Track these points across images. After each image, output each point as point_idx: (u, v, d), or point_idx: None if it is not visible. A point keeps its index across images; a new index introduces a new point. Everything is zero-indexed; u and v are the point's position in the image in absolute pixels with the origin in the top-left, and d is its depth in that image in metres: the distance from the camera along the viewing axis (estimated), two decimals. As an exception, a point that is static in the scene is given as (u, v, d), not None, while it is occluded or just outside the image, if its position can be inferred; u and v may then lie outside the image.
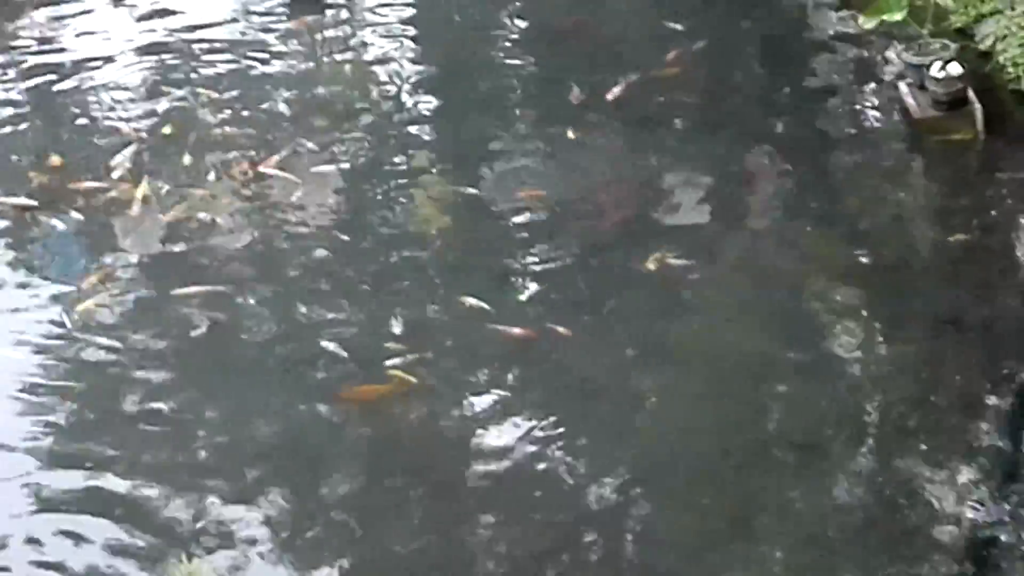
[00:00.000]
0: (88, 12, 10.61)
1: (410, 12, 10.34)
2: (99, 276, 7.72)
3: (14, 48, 10.16)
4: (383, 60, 9.68)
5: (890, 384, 6.61)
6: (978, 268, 7.26)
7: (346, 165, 8.56)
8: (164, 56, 9.84)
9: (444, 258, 7.76)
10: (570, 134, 8.53)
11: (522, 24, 10.02)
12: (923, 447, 6.24)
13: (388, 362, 6.91)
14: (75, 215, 8.22)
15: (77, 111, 9.32)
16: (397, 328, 7.22)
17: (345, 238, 7.97)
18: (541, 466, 6.33)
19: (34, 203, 8.31)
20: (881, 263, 7.37)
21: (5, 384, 7.03)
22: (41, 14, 10.62)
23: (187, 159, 8.61)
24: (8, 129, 9.21)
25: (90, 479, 6.47)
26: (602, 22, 9.82)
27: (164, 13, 10.41)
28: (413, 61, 9.70)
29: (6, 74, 9.86)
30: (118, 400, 6.92)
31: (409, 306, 7.38)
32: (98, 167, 8.60)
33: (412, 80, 9.42)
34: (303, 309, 7.40)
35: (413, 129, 8.87)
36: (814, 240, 7.62)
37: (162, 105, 9.24)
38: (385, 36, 10.01)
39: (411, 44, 9.93)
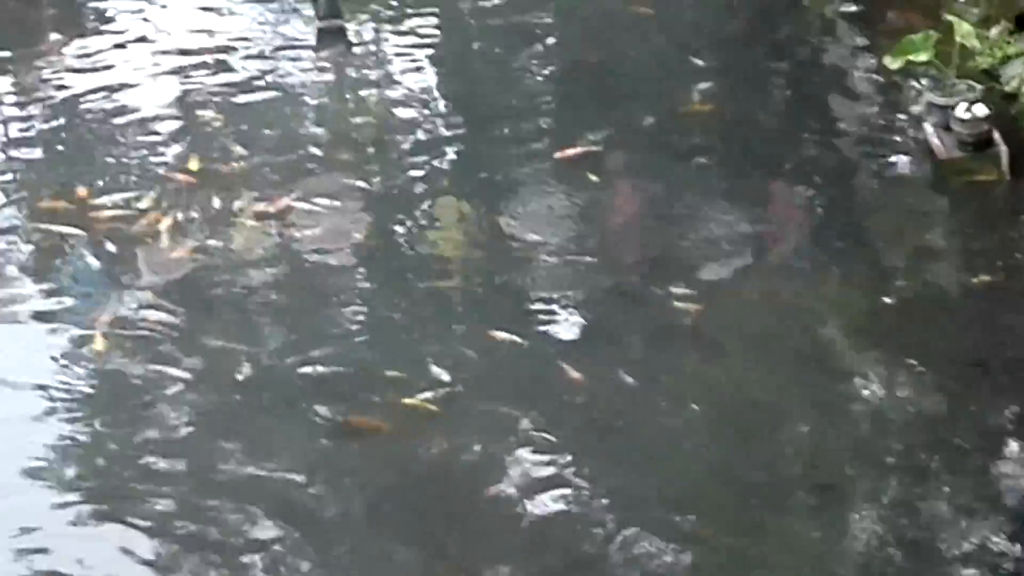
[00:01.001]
0: (116, 46, 10.65)
1: (434, 47, 10.38)
2: (121, 306, 7.73)
3: (40, 81, 10.19)
4: (407, 94, 9.70)
5: (913, 426, 6.58)
6: (1003, 310, 7.23)
7: (370, 198, 8.57)
8: (190, 89, 9.87)
9: (469, 292, 7.76)
10: (592, 177, 8.52)
11: (547, 60, 10.04)
12: (946, 489, 6.21)
13: (418, 396, 6.90)
14: (99, 246, 8.23)
15: (103, 144, 9.34)
16: (422, 361, 7.20)
17: (367, 270, 7.98)
18: (559, 503, 6.31)
19: (81, 232, 8.34)
20: (905, 304, 7.35)
21: (22, 414, 7.03)
22: (68, 48, 10.67)
23: (212, 192, 8.63)
24: (34, 159, 9.24)
25: (106, 515, 6.45)
26: (626, 59, 9.84)
27: (190, 47, 10.45)
28: (437, 95, 9.72)
29: (32, 107, 9.88)
30: (135, 434, 6.89)
31: (435, 339, 7.38)
32: (124, 199, 8.62)
33: (436, 114, 9.44)
34: (325, 342, 7.39)
35: (436, 164, 8.87)
36: (838, 280, 7.60)
37: (188, 138, 9.26)
38: (410, 70, 10.04)
39: (435, 78, 9.95)
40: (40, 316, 7.76)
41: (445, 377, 7.03)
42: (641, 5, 10.39)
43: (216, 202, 8.55)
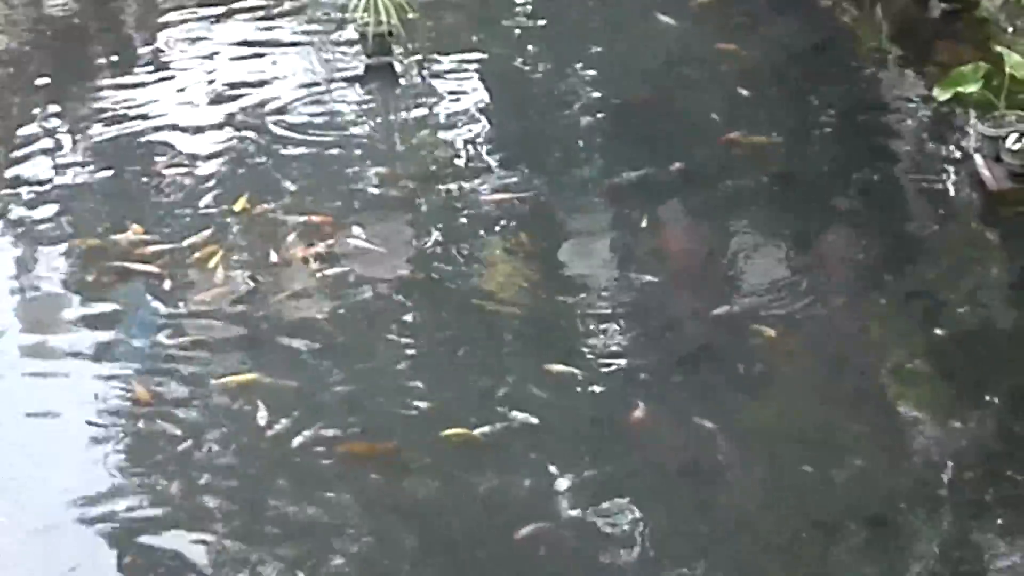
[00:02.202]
0: (166, 83, 10.73)
1: (483, 85, 10.40)
2: (168, 341, 7.78)
3: (92, 119, 10.27)
4: (456, 131, 9.73)
5: (966, 459, 6.53)
6: (1056, 342, 7.20)
7: (418, 233, 8.58)
8: (239, 125, 9.93)
9: (521, 328, 7.77)
10: (644, 211, 8.49)
11: (595, 96, 10.04)
12: (1000, 521, 6.16)
13: (474, 429, 6.89)
14: (147, 282, 8.27)
15: (152, 180, 9.39)
16: (474, 394, 7.21)
17: (416, 305, 7.99)
18: (610, 538, 6.29)
19: (130, 267, 8.39)
20: (957, 336, 7.31)
21: (67, 452, 7.08)
22: (118, 84, 10.76)
23: (261, 228, 8.67)
24: (84, 195, 9.31)
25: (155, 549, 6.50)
26: (674, 94, 9.84)
27: (238, 84, 10.52)
28: (485, 132, 9.73)
29: (82, 143, 9.96)
30: (182, 470, 6.91)
31: (488, 373, 7.38)
32: (172, 235, 8.66)
33: (484, 151, 9.45)
34: (376, 379, 7.40)
35: (485, 201, 8.87)
36: (889, 313, 7.57)
37: (236, 174, 9.31)
38: (457, 107, 10.07)
39: (484, 114, 9.97)
40: (88, 352, 7.79)
41: (498, 410, 7.02)
42: (727, 42, 10.42)
43: (265, 238, 8.58)
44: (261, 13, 11.70)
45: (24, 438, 7.17)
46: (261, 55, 11.03)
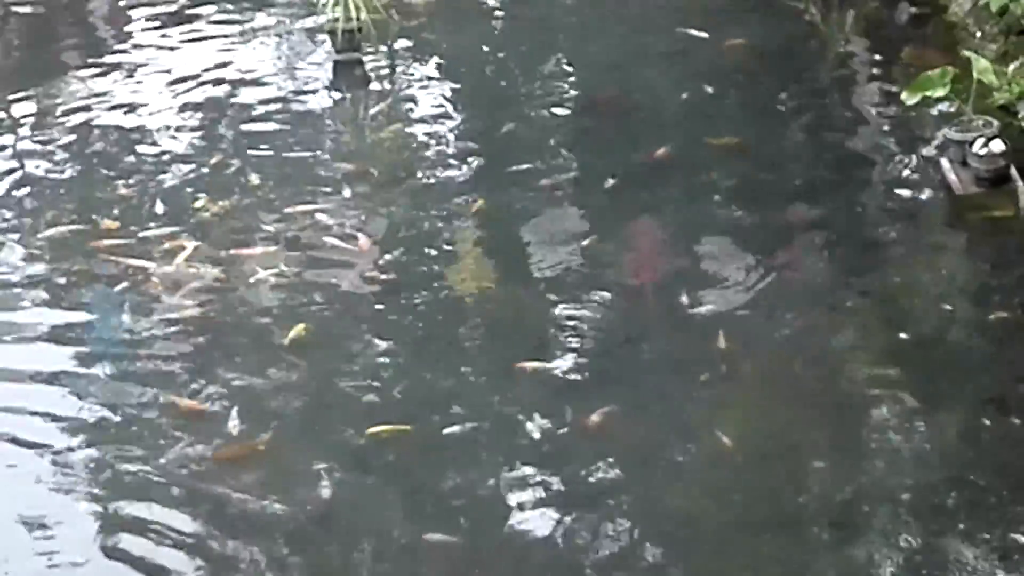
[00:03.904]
0: (131, 76, 10.71)
1: (451, 83, 10.40)
2: (131, 335, 7.78)
3: (59, 112, 10.24)
4: (424, 130, 9.73)
5: (929, 463, 6.55)
6: (1020, 346, 7.19)
7: (387, 232, 8.57)
8: (207, 122, 9.92)
9: (487, 326, 7.78)
10: (612, 209, 8.49)
11: (563, 95, 10.05)
12: (962, 526, 6.18)
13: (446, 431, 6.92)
14: (114, 274, 8.26)
15: (119, 174, 9.36)
16: (446, 396, 7.21)
17: (382, 302, 7.98)
18: (569, 535, 6.31)
19: (97, 259, 8.39)
20: (921, 341, 7.33)
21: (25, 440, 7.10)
22: (87, 80, 10.72)
23: (227, 222, 8.66)
24: (51, 188, 9.29)
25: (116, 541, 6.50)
26: (641, 93, 9.84)
27: (206, 79, 10.49)
28: (454, 131, 9.73)
29: (50, 136, 9.93)
30: (151, 458, 6.91)
31: (456, 374, 7.39)
32: (140, 228, 8.65)
33: (453, 149, 9.45)
34: (343, 379, 7.41)
35: (453, 197, 8.87)
36: (854, 315, 7.58)
37: (204, 169, 9.29)
38: (427, 106, 10.06)
39: (452, 114, 9.96)
40: (50, 339, 7.80)
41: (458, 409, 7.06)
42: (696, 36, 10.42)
43: (230, 234, 8.57)
44: (229, 7, 11.68)
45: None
46: (229, 50, 11.01)
